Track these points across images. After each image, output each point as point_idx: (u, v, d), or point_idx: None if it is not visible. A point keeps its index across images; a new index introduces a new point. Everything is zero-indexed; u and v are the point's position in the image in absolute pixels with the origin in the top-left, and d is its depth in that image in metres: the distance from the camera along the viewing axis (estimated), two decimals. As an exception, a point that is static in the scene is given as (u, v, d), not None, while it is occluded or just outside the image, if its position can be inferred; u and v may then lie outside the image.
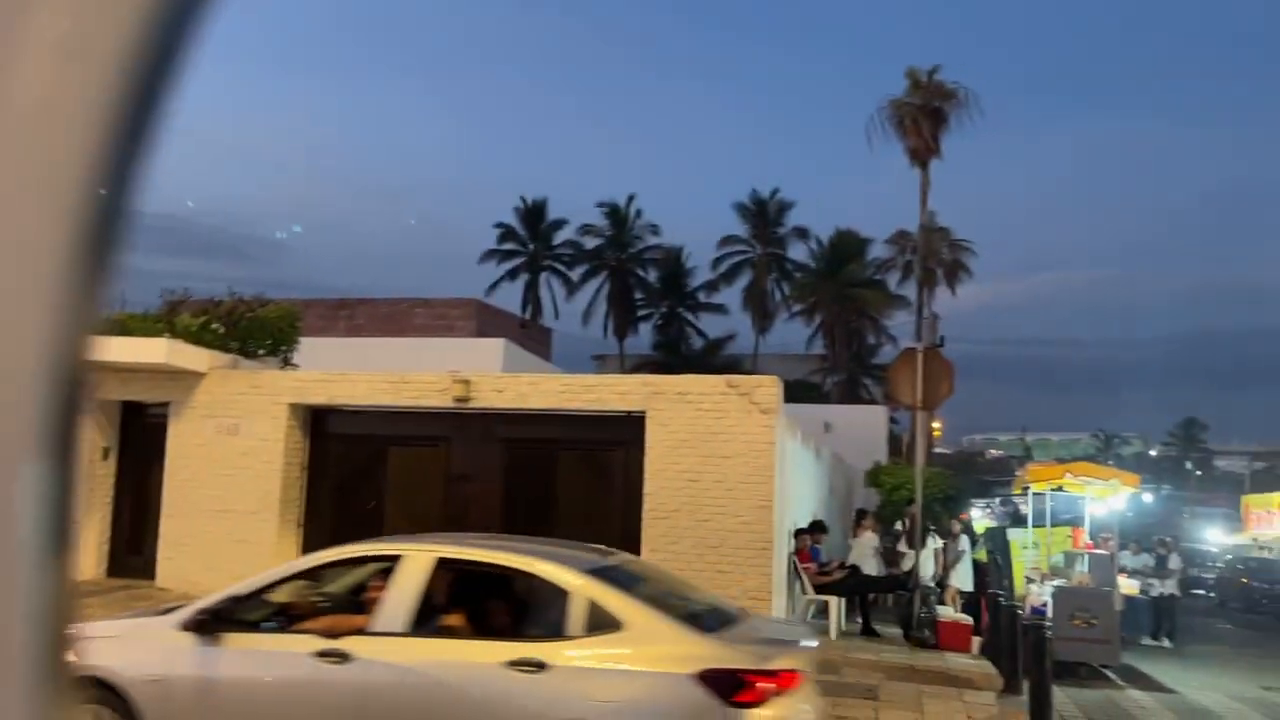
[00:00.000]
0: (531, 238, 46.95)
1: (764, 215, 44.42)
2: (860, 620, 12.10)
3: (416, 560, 5.26)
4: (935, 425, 24.48)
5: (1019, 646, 9.12)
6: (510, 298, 45.05)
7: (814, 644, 5.28)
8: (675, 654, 4.67)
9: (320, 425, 12.18)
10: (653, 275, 46.36)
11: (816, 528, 12.58)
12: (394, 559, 5.34)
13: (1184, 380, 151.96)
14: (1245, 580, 27.58)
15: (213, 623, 5.23)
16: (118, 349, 11.82)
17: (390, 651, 4.94)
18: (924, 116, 28.73)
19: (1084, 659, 12.08)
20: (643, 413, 10.91)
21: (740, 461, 10.56)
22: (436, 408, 11.54)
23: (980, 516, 24.01)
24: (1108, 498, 17.03)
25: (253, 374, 12.34)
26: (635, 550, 10.66)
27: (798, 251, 44.42)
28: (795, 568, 11.68)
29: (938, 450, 35.18)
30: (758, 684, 4.55)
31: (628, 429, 11.01)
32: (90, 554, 12.29)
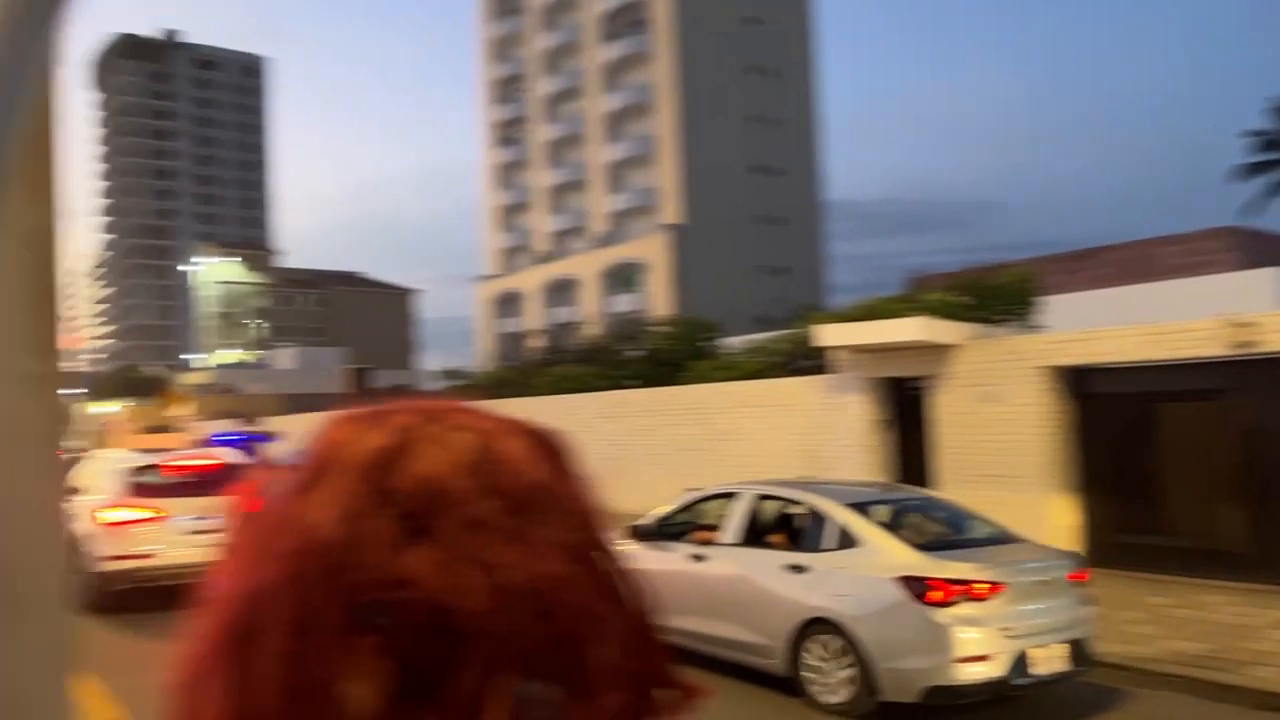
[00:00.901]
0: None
1: None
2: None
3: (743, 495, 7.76)
4: None
5: None
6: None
7: (1044, 564, 6.62)
8: (888, 564, 6.41)
9: (1079, 386, 11.83)
10: None
11: None
12: (733, 495, 7.87)
13: None
14: None
15: (646, 534, 8.01)
16: (875, 332, 13.20)
17: (724, 555, 7.53)
18: None
19: None
20: None
21: None
22: (1209, 357, 10.35)
23: None
24: None
25: (1005, 341, 12.53)
26: None
27: None
28: None
29: None
30: (944, 589, 6.02)
31: None
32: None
